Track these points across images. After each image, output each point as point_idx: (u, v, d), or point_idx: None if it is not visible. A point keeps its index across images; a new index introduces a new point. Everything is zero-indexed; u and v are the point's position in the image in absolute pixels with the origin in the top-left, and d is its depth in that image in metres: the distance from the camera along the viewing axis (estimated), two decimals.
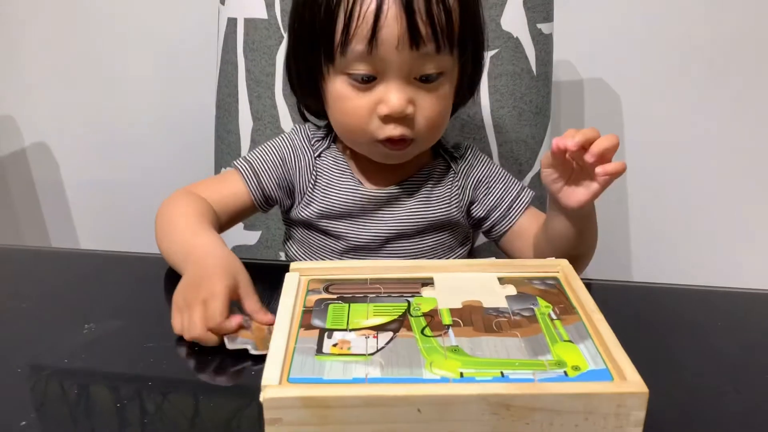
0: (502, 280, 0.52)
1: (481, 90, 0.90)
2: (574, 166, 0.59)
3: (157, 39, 1.22)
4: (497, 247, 0.77)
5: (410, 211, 0.71)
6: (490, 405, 0.38)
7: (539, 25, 0.91)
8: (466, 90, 0.72)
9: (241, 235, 0.97)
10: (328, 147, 0.73)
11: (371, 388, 0.39)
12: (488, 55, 0.89)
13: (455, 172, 0.74)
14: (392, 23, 0.60)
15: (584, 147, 0.56)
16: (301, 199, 0.72)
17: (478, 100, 0.90)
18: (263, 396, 0.38)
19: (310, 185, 0.72)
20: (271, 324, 0.52)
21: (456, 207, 0.73)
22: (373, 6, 0.60)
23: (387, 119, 0.64)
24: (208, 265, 0.55)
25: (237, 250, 0.98)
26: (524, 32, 0.90)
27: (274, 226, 0.95)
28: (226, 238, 0.97)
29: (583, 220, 0.63)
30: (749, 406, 0.47)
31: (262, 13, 0.92)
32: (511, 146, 0.93)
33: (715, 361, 0.52)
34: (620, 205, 1.23)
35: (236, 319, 0.52)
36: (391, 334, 0.45)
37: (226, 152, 0.98)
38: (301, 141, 0.73)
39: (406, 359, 0.42)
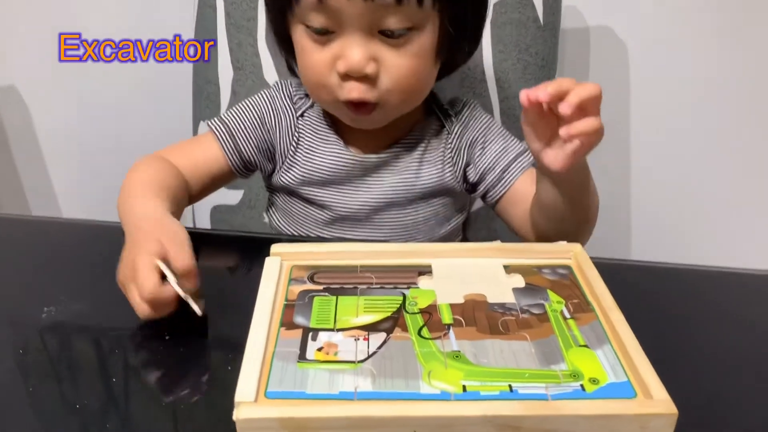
0: (508, 269, 0.46)
1: (483, 40, 0.82)
2: (556, 124, 0.51)
3: None
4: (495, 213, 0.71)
5: (400, 179, 0.65)
6: (496, 427, 0.33)
7: None
8: (460, 45, 0.63)
9: (222, 194, 0.91)
10: (311, 106, 0.66)
11: (360, 407, 0.34)
12: (492, 1, 0.82)
13: (449, 132, 0.67)
14: None
15: (561, 99, 0.48)
16: (282, 162, 0.66)
17: (479, 51, 0.83)
18: (236, 415, 0.33)
19: (292, 148, 0.65)
20: (193, 290, 0.47)
21: (450, 172, 0.66)
22: None
23: (346, 77, 0.57)
24: (134, 236, 0.49)
25: (218, 210, 0.92)
26: None
27: (258, 185, 0.89)
28: (207, 198, 0.92)
29: (573, 186, 0.56)
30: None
31: None
32: (513, 102, 0.86)
33: (736, 354, 0.47)
34: (622, 160, 1.17)
35: (170, 289, 0.46)
36: (383, 335, 0.39)
37: (204, 105, 0.90)
38: (282, 98, 0.66)
39: (401, 367, 0.37)
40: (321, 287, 0.44)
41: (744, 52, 1.06)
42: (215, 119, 0.66)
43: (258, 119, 0.65)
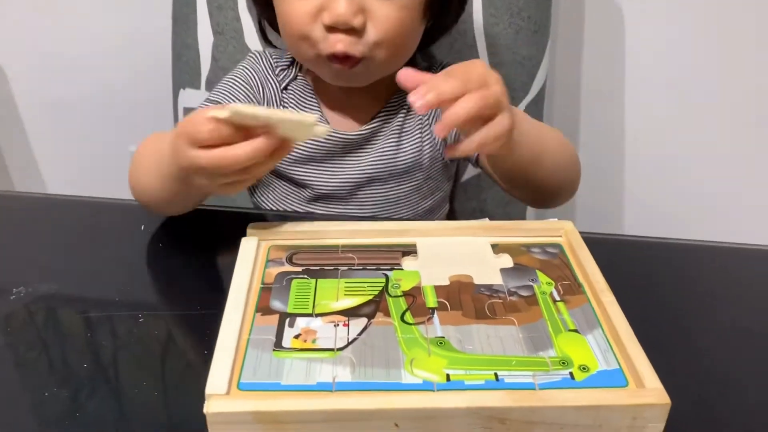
0: (495, 248, 0.44)
1: (474, 4, 0.79)
2: None
3: None
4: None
5: (380, 154, 0.63)
6: (482, 419, 0.32)
7: None
8: (449, 4, 0.61)
9: None
10: (294, 78, 0.64)
11: (338, 400, 0.32)
12: None
13: None
14: None
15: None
16: None
17: (470, 14, 0.80)
18: (207, 408, 0.32)
19: None
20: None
21: (428, 141, 0.64)
22: None
23: (331, 29, 0.54)
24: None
25: None
26: None
27: None
28: None
29: (518, 159, 0.53)
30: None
31: None
32: (506, 69, 0.83)
33: (733, 335, 0.46)
34: (616, 130, 1.15)
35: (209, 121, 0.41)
36: (365, 320, 0.38)
37: (184, 71, 0.87)
38: (264, 69, 0.63)
39: (383, 355, 0.35)
40: (300, 269, 0.42)
41: (743, 15, 1.03)
42: (206, 101, 0.62)
43: (248, 88, 0.62)
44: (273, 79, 0.63)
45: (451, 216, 0.79)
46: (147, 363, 0.43)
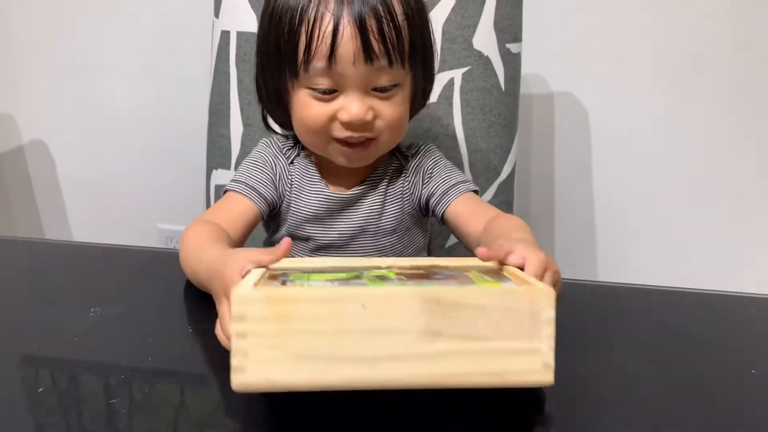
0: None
1: (454, 104, 0.96)
2: None
3: (153, 46, 1.25)
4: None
5: (369, 211, 0.77)
6: (424, 301, 0.42)
7: (508, 45, 0.97)
8: (420, 98, 0.78)
9: None
10: (298, 154, 0.79)
11: (324, 291, 0.43)
12: (461, 71, 0.96)
13: (407, 170, 0.79)
14: (348, 42, 0.66)
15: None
16: (281, 203, 0.78)
17: (450, 113, 0.97)
18: (233, 295, 0.41)
19: (287, 190, 0.78)
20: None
21: (408, 202, 0.78)
22: (330, 27, 0.66)
23: (348, 126, 0.69)
24: (215, 273, 0.55)
25: None
26: (494, 52, 0.97)
27: None
28: None
29: None
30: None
31: (254, 27, 0.97)
32: (481, 155, 0.98)
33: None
34: (587, 224, 1.27)
35: None
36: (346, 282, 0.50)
37: (217, 155, 1.03)
38: (275, 151, 0.79)
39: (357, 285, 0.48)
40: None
41: (701, 107, 1.17)
42: (232, 182, 0.77)
43: (266, 168, 0.78)
44: (281, 157, 0.79)
45: None
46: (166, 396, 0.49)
